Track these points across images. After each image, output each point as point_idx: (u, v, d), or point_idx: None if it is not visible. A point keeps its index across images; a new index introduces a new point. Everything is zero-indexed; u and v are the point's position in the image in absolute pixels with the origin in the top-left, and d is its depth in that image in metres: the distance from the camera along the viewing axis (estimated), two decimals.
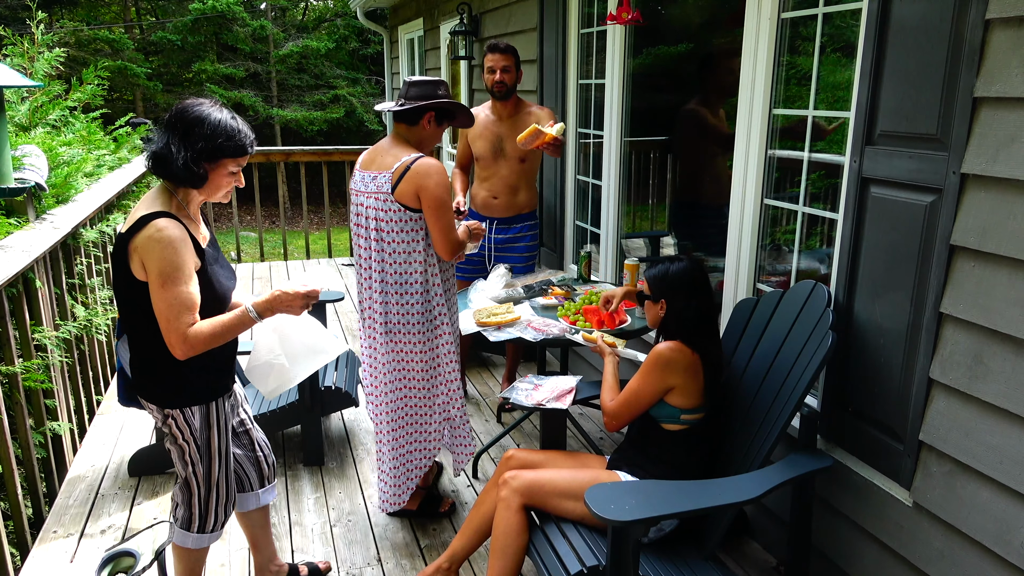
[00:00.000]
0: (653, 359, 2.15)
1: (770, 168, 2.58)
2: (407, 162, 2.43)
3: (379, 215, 2.49)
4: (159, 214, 1.80)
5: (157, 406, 1.96)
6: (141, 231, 1.78)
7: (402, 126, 2.56)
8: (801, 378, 2.09)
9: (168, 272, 1.77)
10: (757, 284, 2.71)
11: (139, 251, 1.78)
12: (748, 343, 2.39)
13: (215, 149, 1.86)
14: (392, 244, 2.48)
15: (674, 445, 2.20)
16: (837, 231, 2.22)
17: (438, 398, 2.67)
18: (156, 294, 1.78)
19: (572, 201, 4.20)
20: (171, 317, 1.79)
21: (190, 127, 1.83)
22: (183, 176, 1.84)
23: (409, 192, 2.42)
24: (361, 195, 2.55)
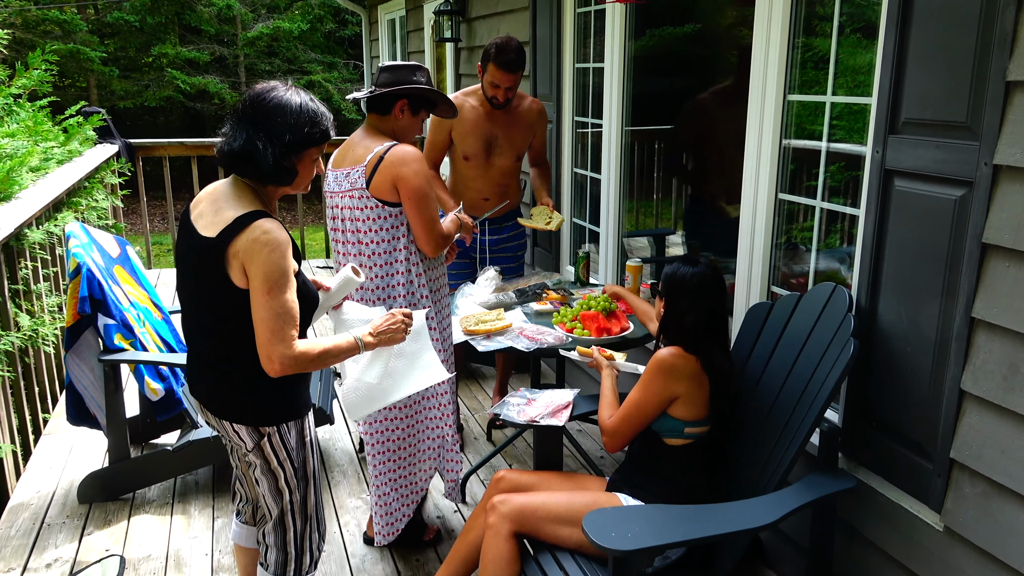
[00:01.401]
0: (654, 366, 2.14)
1: (785, 159, 2.58)
2: (380, 152, 2.42)
3: (355, 214, 2.48)
4: (259, 214, 1.79)
5: (252, 426, 1.92)
6: (242, 233, 1.75)
7: (374, 116, 2.54)
8: (820, 390, 2.09)
9: (276, 278, 1.76)
10: (771, 287, 2.70)
11: (241, 255, 1.75)
12: (762, 352, 2.38)
13: (302, 140, 1.85)
14: (372, 245, 2.47)
15: (679, 462, 2.19)
16: (858, 228, 2.22)
17: (430, 411, 2.66)
18: (260, 302, 1.76)
19: (569, 196, 4.19)
20: (276, 328, 1.76)
21: (271, 118, 1.81)
22: (273, 174, 1.83)
23: (385, 184, 2.41)
24: (336, 196, 2.54)
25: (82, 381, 3.10)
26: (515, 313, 3.01)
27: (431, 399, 2.64)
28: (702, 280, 2.18)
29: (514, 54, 3.25)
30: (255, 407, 1.91)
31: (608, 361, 2.45)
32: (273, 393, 1.91)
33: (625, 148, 3.66)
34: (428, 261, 2.57)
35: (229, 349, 1.86)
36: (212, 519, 3.05)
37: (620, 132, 3.62)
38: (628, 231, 3.96)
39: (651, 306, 2.63)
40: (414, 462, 2.69)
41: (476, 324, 2.82)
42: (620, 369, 2.45)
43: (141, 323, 3.17)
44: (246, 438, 1.93)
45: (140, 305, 3.28)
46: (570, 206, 4.19)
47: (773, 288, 2.70)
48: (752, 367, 2.40)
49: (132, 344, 3.03)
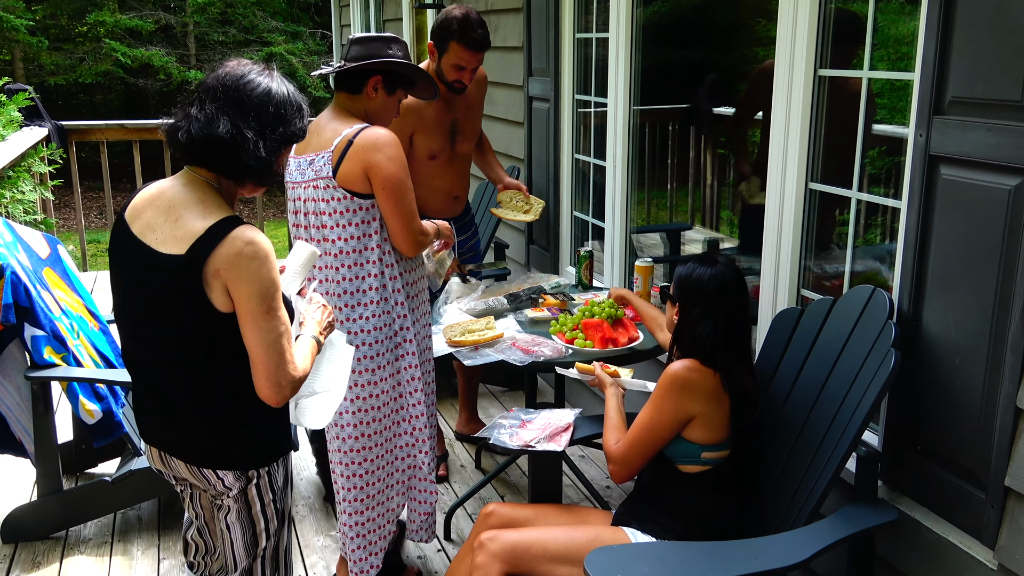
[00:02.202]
0: (667, 382, 2.15)
1: (815, 144, 2.60)
2: (349, 135, 2.42)
3: (321, 207, 2.48)
4: (233, 221, 1.77)
5: (238, 470, 1.91)
6: (220, 247, 1.73)
7: (343, 95, 2.55)
8: (857, 409, 2.10)
9: (272, 294, 1.75)
10: (801, 290, 2.72)
11: (224, 274, 1.73)
12: (791, 365, 2.40)
13: (292, 134, 1.86)
14: (340, 243, 2.48)
15: (695, 492, 2.20)
16: (900, 222, 2.23)
17: (401, 438, 2.66)
18: (260, 325, 1.75)
19: (569, 187, 4.21)
20: (283, 350, 1.77)
21: (260, 107, 1.81)
22: (256, 171, 1.82)
23: (355, 172, 2.41)
24: (298, 187, 2.54)
25: (5, 401, 3.09)
26: (507, 321, 3.02)
27: (403, 423, 2.65)
28: (721, 283, 2.19)
29: (482, 29, 3.25)
30: (246, 447, 1.91)
31: (612, 379, 2.46)
32: (264, 428, 1.92)
33: (634, 130, 3.67)
34: (405, 262, 2.57)
35: (212, 384, 1.85)
36: (158, 560, 3.05)
37: (628, 112, 3.63)
38: (637, 226, 3.97)
39: (662, 312, 2.64)
40: (391, 495, 2.69)
41: (463, 334, 2.82)
42: (627, 387, 2.46)
43: (75, 334, 3.17)
44: (231, 483, 1.91)
45: (74, 314, 3.28)
46: (570, 198, 4.21)
47: (803, 292, 2.72)
48: (779, 383, 2.41)
49: (64, 359, 3.03)
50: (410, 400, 2.66)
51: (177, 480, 1.99)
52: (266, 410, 1.88)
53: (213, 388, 1.85)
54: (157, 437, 1.94)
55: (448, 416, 4.20)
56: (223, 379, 1.84)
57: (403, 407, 2.66)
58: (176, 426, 1.90)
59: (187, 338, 1.81)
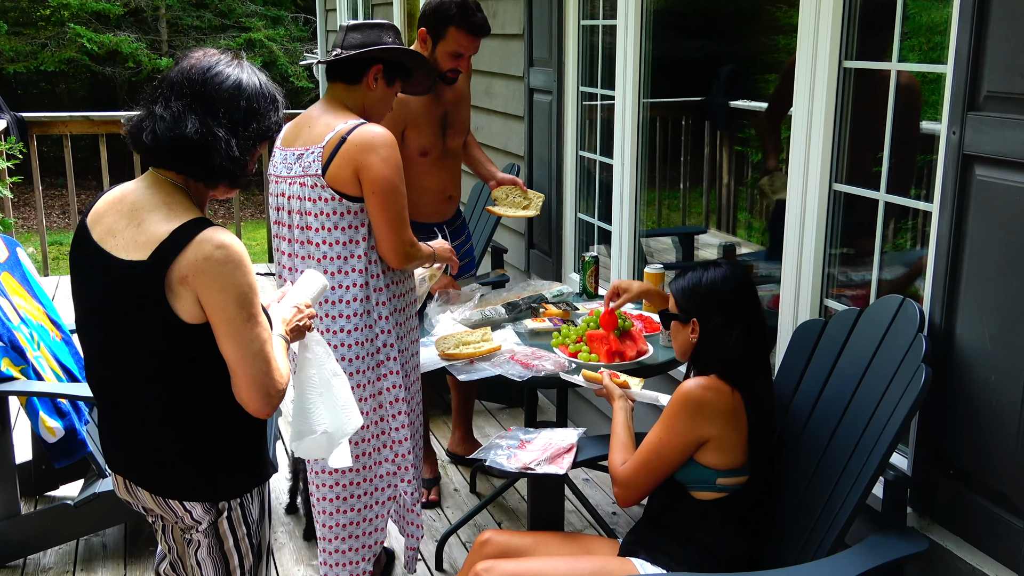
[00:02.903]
0: (679, 402, 2.15)
1: (840, 142, 2.61)
2: (342, 132, 2.43)
3: (306, 206, 2.49)
4: (201, 222, 1.77)
5: (208, 501, 1.89)
6: (186, 251, 1.72)
7: (339, 86, 2.56)
8: (885, 429, 2.11)
9: (251, 299, 1.75)
10: (825, 300, 2.73)
11: (192, 281, 1.72)
12: (813, 381, 2.40)
13: (265, 129, 1.86)
14: (324, 247, 2.49)
15: (709, 521, 2.20)
16: (932, 227, 2.24)
17: (382, 466, 2.67)
18: (238, 334, 1.74)
19: (573, 187, 4.21)
20: (268, 359, 1.77)
21: (230, 101, 1.81)
22: (229, 171, 1.82)
23: (345, 172, 2.43)
24: (282, 182, 2.55)
25: None
26: (505, 332, 3.02)
27: (384, 449, 2.65)
28: (736, 284, 2.20)
29: (481, 13, 3.27)
30: (217, 476, 1.89)
31: (621, 389, 2.46)
32: (237, 454, 1.91)
33: (643, 125, 3.68)
34: (392, 274, 2.58)
35: (181, 405, 1.84)
36: None
37: (637, 105, 3.64)
38: (647, 229, 3.98)
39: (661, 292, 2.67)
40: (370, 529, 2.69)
41: (457, 346, 2.83)
42: (636, 399, 2.46)
43: (35, 345, 3.17)
44: (200, 516, 1.90)
45: (34, 322, 3.28)
46: (574, 199, 4.21)
47: (826, 302, 2.72)
48: (800, 400, 2.41)
49: (23, 371, 3.03)
50: (393, 424, 2.66)
51: (146, 511, 1.98)
52: (239, 434, 1.87)
53: (179, 409, 1.84)
54: (121, 463, 1.93)
55: (440, 435, 4.20)
56: (191, 399, 1.83)
57: (385, 431, 2.66)
58: (140, 451, 1.89)
59: (150, 353, 1.80)
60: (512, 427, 2.63)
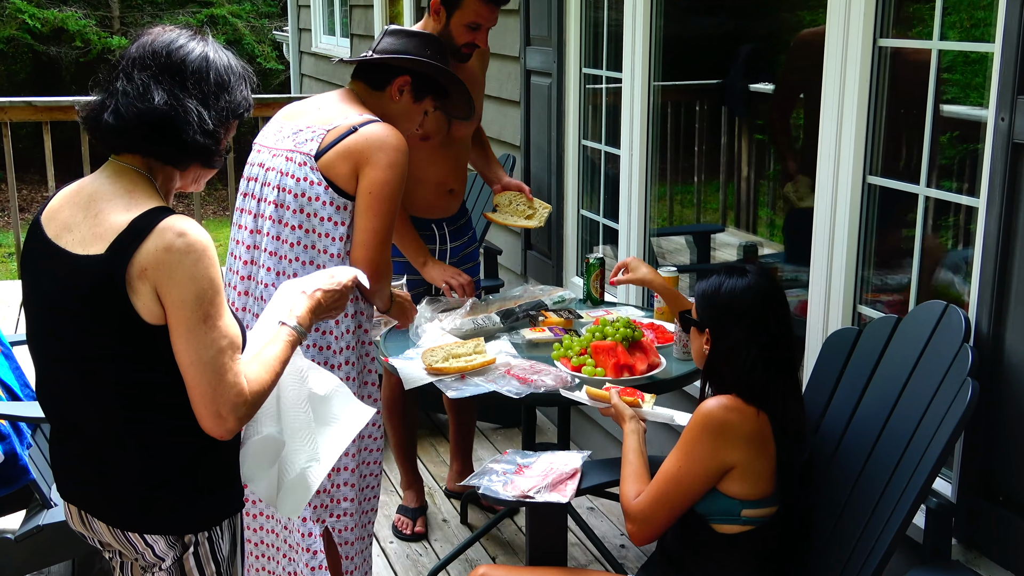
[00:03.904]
0: (700, 424, 2.15)
1: (875, 129, 2.61)
2: (354, 123, 2.47)
3: (286, 183, 2.49)
4: (163, 211, 1.77)
5: (172, 535, 1.88)
6: (147, 242, 1.72)
7: (361, 86, 2.62)
8: (927, 451, 2.10)
9: (212, 297, 1.75)
10: (858, 307, 2.73)
11: (152, 274, 1.72)
12: (845, 398, 2.40)
13: (238, 105, 1.89)
14: (299, 232, 2.50)
15: (732, 557, 2.19)
16: (978, 224, 2.24)
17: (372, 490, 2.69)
18: (191, 336, 1.73)
19: (575, 180, 4.21)
20: (223, 369, 1.75)
21: (198, 73, 1.83)
22: (200, 149, 1.83)
23: (345, 164, 2.45)
24: (265, 151, 2.57)
25: None
26: (500, 344, 3.01)
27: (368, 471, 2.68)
28: (760, 295, 2.19)
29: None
30: (183, 506, 1.88)
31: (632, 409, 2.45)
32: (206, 480, 1.90)
33: (654, 112, 3.69)
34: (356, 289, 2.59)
35: (142, 423, 1.83)
36: None
37: (647, 89, 3.64)
38: (659, 228, 3.99)
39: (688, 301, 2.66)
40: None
41: (446, 360, 2.82)
42: (649, 419, 2.46)
43: None
44: (164, 552, 1.89)
45: None
46: (577, 194, 4.21)
47: (860, 309, 2.72)
48: (832, 419, 2.41)
49: None
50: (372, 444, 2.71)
51: (103, 545, 1.97)
52: (208, 457, 1.86)
53: (140, 427, 1.83)
54: (74, 492, 1.92)
55: (427, 459, 4.19)
56: (153, 416, 1.82)
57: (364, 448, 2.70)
58: (95, 477, 1.88)
59: (108, 361, 1.79)
60: (508, 450, 2.63)
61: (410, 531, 3.60)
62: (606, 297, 3.56)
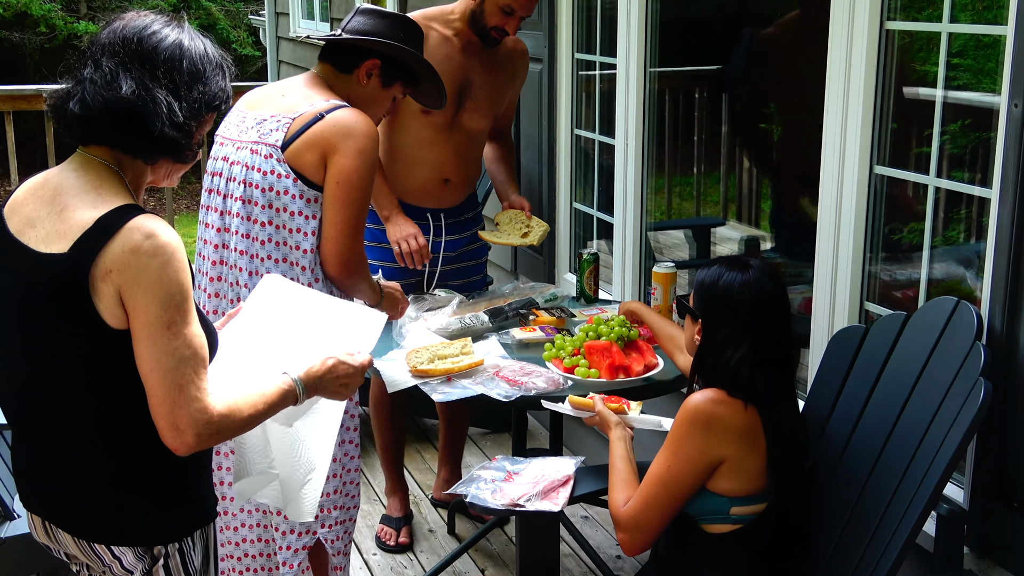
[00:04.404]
0: (686, 420, 2.16)
1: (883, 117, 2.61)
2: (320, 109, 2.46)
3: (252, 177, 2.49)
4: (131, 209, 1.76)
5: (140, 546, 1.87)
6: (113, 242, 1.72)
7: (328, 68, 2.61)
8: (938, 455, 2.11)
9: (178, 303, 1.74)
10: (865, 303, 2.73)
11: (116, 276, 1.71)
12: (852, 399, 2.41)
13: (213, 97, 1.88)
14: (269, 228, 2.50)
15: (723, 557, 2.20)
16: (990, 216, 2.25)
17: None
18: (157, 343, 1.72)
19: (567, 172, 4.21)
20: (183, 381, 1.73)
21: (171, 61, 1.82)
22: (171, 141, 1.82)
23: (312, 154, 2.44)
24: (228, 144, 2.56)
25: None
26: (488, 344, 3.01)
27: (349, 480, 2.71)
28: (757, 292, 2.19)
29: None
30: (153, 516, 1.88)
31: (618, 416, 2.46)
32: (177, 489, 1.89)
33: (651, 99, 3.69)
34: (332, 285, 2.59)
35: (110, 429, 1.83)
36: None
37: (644, 76, 3.64)
38: (656, 222, 3.99)
39: (681, 330, 2.64)
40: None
41: (431, 361, 2.82)
42: (636, 426, 2.46)
43: None
44: (132, 564, 1.89)
45: None
46: (569, 186, 4.21)
47: (867, 306, 2.73)
48: (838, 422, 2.41)
49: None
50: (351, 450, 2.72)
51: (69, 558, 1.96)
52: (179, 465, 1.86)
53: (108, 434, 1.83)
54: (38, 501, 1.91)
55: (412, 466, 4.19)
56: (122, 422, 1.82)
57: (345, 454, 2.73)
58: (61, 486, 1.87)
59: (73, 365, 1.79)
60: (497, 456, 2.63)
61: (394, 542, 3.59)
62: (600, 295, 3.56)
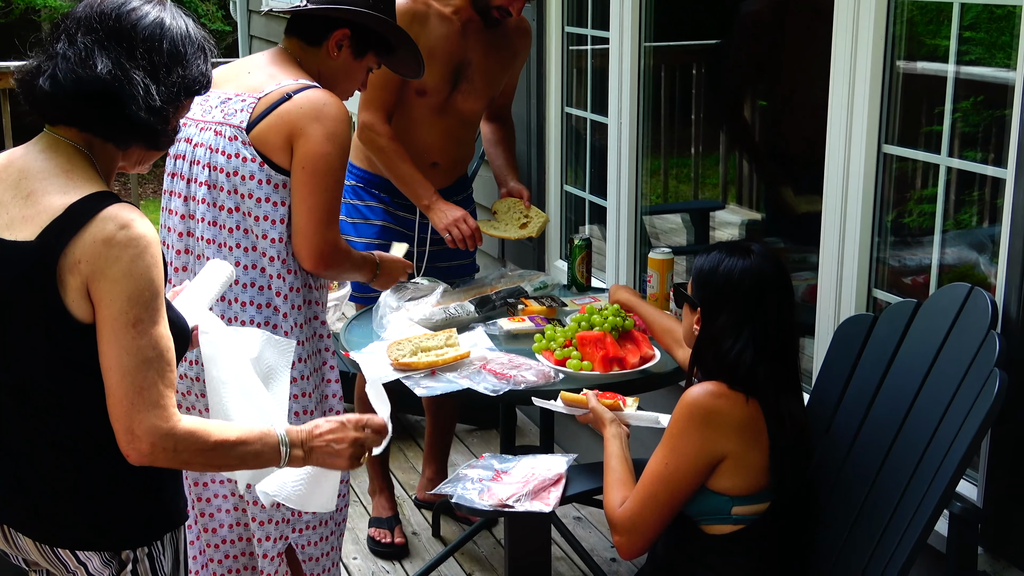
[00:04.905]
0: (685, 415, 2.16)
1: (892, 92, 2.61)
2: (288, 89, 2.45)
3: (217, 160, 2.48)
4: (105, 197, 1.75)
5: (107, 551, 1.87)
6: (84, 231, 1.71)
7: (295, 42, 2.59)
8: (950, 450, 2.11)
9: (146, 300, 1.73)
10: (873, 291, 2.74)
11: (85, 268, 1.71)
12: (860, 392, 2.41)
13: (193, 81, 1.88)
14: (236, 215, 2.49)
15: (724, 559, 2.20)
16: (1005, 197, 2.25)
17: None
18: (119, 340, 1.72)
19: (557, 152, 4.20)
20: (143, 384, 1.72)
21: (150, 40, 1.81)
22: (146, 125, 1.81)
23: (277, 138, 2.43)
24: (191, 124, 2.55)
25: None
26: (475, 335, 3.01)
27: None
28: (758, 279, 2.20)
29: None
30: (120, 519, 1.88)
31: (613, 413, 2.45)
32: (145, 491, 1.89)
33: (646, 75, 3.68)
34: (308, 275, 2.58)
35: (75, 428, 1.83)
36: None
37: (638, 50, 3.63)
38: (651, 205, 3.99)
39: (679, 322, 2.63)
40: None
41: (414, 354, 2.81)
42: (632, 423, 2.46)
43: None
44: (98, 570, 1.89)
45: None
46: (559, 168, 4.21)
47: (875, 293, 2.73)
48: (845, 415, 2.42)
49: None
50: None
51: (29, 565, 1.96)
52: (145, 467, 1.84)
53: (72, 433, 1.83)
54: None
55: (394, 465, 4.17)
56: (86, 421, 1.82)
57: None
58: (22, 487, 1.87)
59: (35, 361, 1.79)
60: (485, 454, 2.63)
61: (389, 541, 3.59)
62: (593, 282, 3.56)
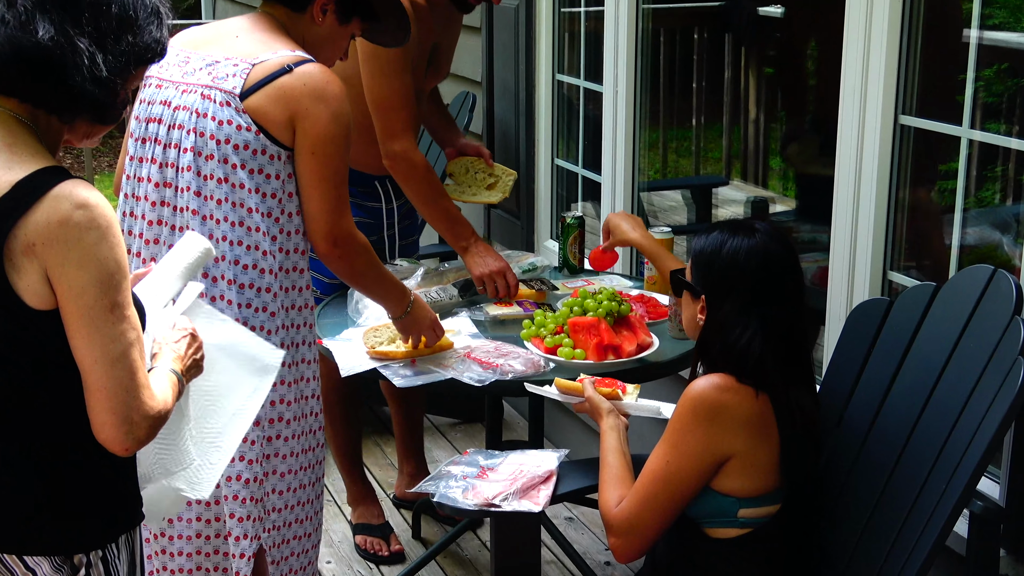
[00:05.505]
0: (689, 409, 2.16)
1: (909, 61, 2.60)
2: (287, 61, 2.46)
3: (206, 127, 2.46)
4: (57, 172, 1.75)
5: (58, 555, 1.88)
6: (35, 210, 1.71)
7: (281, 9, 2.59)
8: (971, 445, 2.11)
9: (119, 283, 1.74)
10: (889, 273, 2.73)
11: (41, 251, 1.71)
12: (874, 382, 2.41)
13: (144, 47, 1.86)
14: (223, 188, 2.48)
15: (730, 565, 2.20)
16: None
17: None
18: (95, 328, 1.72)
19: (548, 123, 4.20)
20: (131, 370, 1.75)
21: (97, 6, 1.80)
22: (92, 97, 1.80)
23: (280, 111, 2.44)
24: (169, 86, 2.54)
25: None
26: (458, 321, 3.01)
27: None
28: (768, 261, 2.19)
29: None
30: (72, 521, 1.88)
31: (611, 402, 2.45)
32: (98, 491, 1.90)
33: (644, 41, 3.68)
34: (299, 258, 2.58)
35: (23, 424, 1.83)
36: None
37: (635, 13, 3.63)
38: (649, 181, 3.98)
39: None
40: None
41: (392, 341, 2.81)
42: (631, 413, 2.46)
43: None
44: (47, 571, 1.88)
45: None
46: (550, 140, 4.20)
47: (891, 276, 2.73)
48: (858, 408, 2.42)
49: None
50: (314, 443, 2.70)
51: None
52: (100, 463, 1.86)
53: (20, 429, 1.83)
54: None
55: (370, 461, 4.18)
56: (36, 415, 1.83)
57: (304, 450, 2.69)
58: None
59: None
60: (469, 450, 2.63)
61: (387, 551, 3.60)
62: (586, 264, 3.56)
